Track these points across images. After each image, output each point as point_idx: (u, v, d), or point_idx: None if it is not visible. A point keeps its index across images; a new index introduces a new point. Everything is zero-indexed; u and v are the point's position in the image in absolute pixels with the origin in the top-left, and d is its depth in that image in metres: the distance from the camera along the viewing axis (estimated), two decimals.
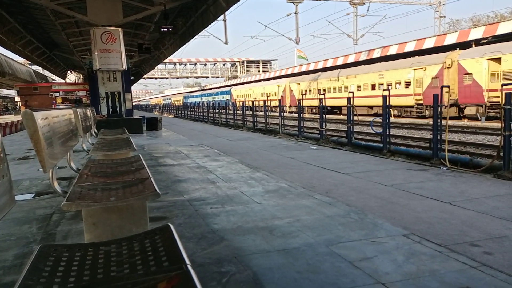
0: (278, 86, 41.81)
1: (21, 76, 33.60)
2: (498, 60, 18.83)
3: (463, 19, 62.42)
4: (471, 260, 2.66)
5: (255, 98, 22.22)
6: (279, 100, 15.92)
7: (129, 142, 4.84)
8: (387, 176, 5.69)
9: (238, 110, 32.48)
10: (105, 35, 12.60)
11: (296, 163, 7.10)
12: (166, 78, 73.72)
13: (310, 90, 34.35)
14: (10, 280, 2.46)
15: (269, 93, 42.12)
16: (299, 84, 37.45)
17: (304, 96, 18.33)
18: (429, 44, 26.55)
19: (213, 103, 35.93)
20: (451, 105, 19.90)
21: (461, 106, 20.80)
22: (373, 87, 27.17)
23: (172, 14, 15.86)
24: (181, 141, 11.26)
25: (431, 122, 7.50)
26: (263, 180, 5.38)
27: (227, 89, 57.57)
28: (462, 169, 6.37)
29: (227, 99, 52.19)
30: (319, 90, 31.83)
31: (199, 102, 55.99)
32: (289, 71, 48.40)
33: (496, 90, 17.94)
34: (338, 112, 31.55)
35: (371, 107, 26.99)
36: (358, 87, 28.24)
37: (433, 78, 22.33)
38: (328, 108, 28.52)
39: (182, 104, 51.33)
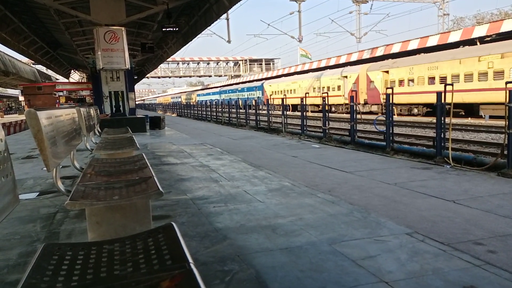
0: (345, 77, 30.21)
1: (25, 75, 33.76)
2: None
3: (467, 17, 62.13)
4: (475, 259, 2.65)
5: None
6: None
7: (132, 141, 4.85)
8: (390, 174, 5.67)
9: (277, 110, 25.34)
10: (108, 35, 12.63)
11: (299, 162, 7.10)
12: (169, 77, 73.81)
13: (411, 80, 23.73)
14: (14, 279, 2.48)
15: (328, 88, 31.11)
16: (386, 72, 25.82)
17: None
18: (432, 42, 26.44)
19: (234, 102, 29.16)
20: None
21: None
22: None
23: (175, 13, 15.87)
24: (184, 140, 11.28)
25: (434, 120, 7.46)
26: (266, 178, 5.38)
27: (257, 84, 48.01)
28: (466, 167, 6.34)
29: (257, 97, 43.24)
30: (431, 78, 22.00)
31: (217, 100, 47.01)
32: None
33: None
34: (462, 113, 20.82)
35: None
36: None
37: None
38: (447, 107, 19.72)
39: (195, 103, 42.32)
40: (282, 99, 15.36)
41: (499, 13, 45.19)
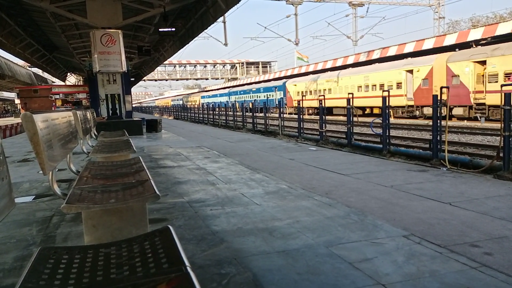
0: (409, 71, 23.76)
1: (21, 78, 33.63)
2: None
3: (462, 20, 62.49)
4: (471, 261, 2.65)
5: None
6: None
7: (129, 144, 4.84)
8: (387, 177, 5.68)
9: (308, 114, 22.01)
10: (104, 37, 12.63)
11: (296, 164, 7.10)
12: (166, 80, 73.72)
13: None
14: (10, 283, 2.46)
15: (382, 86, 25.16)
16: (481, 62, 19.16)
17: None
18: (428, 45, 26.56)
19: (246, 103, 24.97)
20: None
21: None
22: None
23: (172, 16, 15.88)
24: (181, 143, 11.26)
25: (430, 123, 7.48)
26: (263, 181, 5.38)
27: (276, 83, 41.65)
28: (462, 169, 6.37)
29: (275, 97, 38.40)
30: None
31: (226, 102, 42.44)
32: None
33: None
34: None
35: None
36: None
37: None
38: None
39: (198, 105, 37.63)
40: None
41: (495, 17, 45.47)
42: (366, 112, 27.17)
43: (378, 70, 26.69)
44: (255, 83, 52.34)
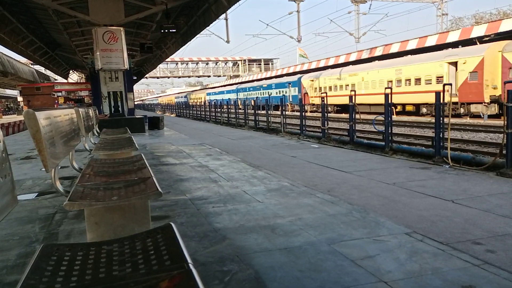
0: (452, 63, 20.43)
1: (24, 76, 33.70)
2: None
3: (465, 17, 62.29)
4: (473, 258, 2.65)
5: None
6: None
7: (131, 141, 4.84)
8: (389, 174, 5.68)
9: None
10: (107, 35, 12.62)
11: (298, 162, 7.10)
12: (168, 77, 73.82)
13: None
14: (13, 280, 2.47)
15: (417, 80, 22.26)
16: None
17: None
18: (431, 42, 26.42)
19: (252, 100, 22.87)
20: None
21: None
22: None
23: (174, 13, 15.86)
24: (183, 140, 11.27)
25: (433, 120, 7.45)
26: (265, 179, 5.38)
27: (290, 79, 38.50)
28: (465, 167, 6.34)
29: (289, 94, 35.18)
30: None
31: (234, 99, 40.52)
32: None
33: None
34: None
35: None
36: None
37: None
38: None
39: (202, 103, 33.67)
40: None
41: (498, 13, 45.25)
42: (397, 110, 23.35)
43: (413, 62, 23.06)
44: (265, 78, 50.13)
